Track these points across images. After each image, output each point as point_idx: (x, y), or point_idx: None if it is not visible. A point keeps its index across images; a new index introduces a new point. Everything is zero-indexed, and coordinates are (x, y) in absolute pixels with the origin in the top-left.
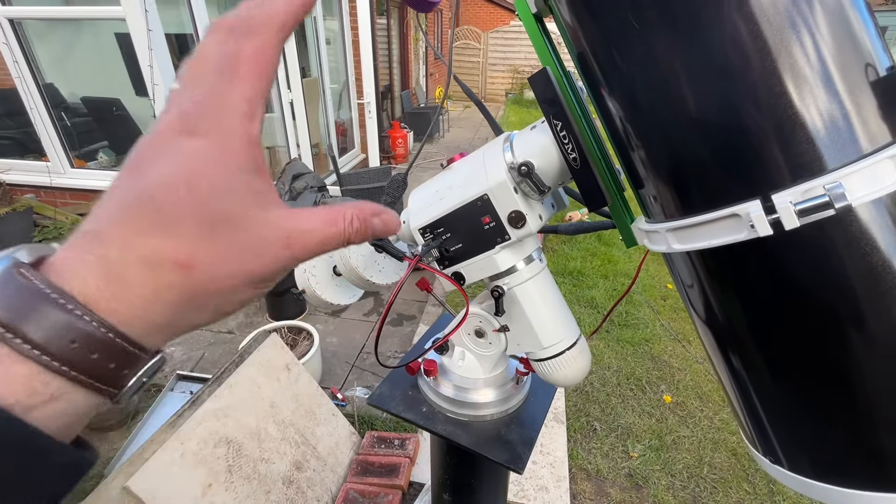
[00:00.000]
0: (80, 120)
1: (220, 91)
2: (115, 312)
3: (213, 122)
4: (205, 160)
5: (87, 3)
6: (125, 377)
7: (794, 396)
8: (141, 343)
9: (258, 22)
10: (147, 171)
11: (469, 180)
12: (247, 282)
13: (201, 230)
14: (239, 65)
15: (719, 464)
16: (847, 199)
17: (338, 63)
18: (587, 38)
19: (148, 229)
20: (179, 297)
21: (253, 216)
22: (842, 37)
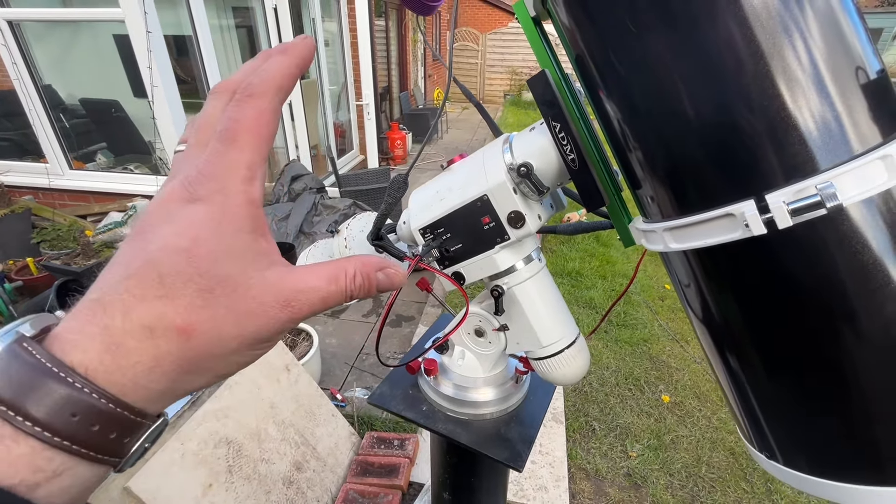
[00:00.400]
0: (79, 121)
1: (222, 157)
2: (116, 383)
3: (214, 187)
4: (206, 225)
5: (85, 4)
6: (127, 445)
7: (789, 393)
8: (142, 410)
9: (256, 88)
10: (151, 237)
11: (469, 181)
12: (245, 345)
13: (201, 295)
14: (239, 131)
15: (717, 463)
16: (838, 199)
17: (336, 65)
18: (584, 41)
19: (150, 296)
20: (179, 363)
21: (252, 279)
22: (833, 40)
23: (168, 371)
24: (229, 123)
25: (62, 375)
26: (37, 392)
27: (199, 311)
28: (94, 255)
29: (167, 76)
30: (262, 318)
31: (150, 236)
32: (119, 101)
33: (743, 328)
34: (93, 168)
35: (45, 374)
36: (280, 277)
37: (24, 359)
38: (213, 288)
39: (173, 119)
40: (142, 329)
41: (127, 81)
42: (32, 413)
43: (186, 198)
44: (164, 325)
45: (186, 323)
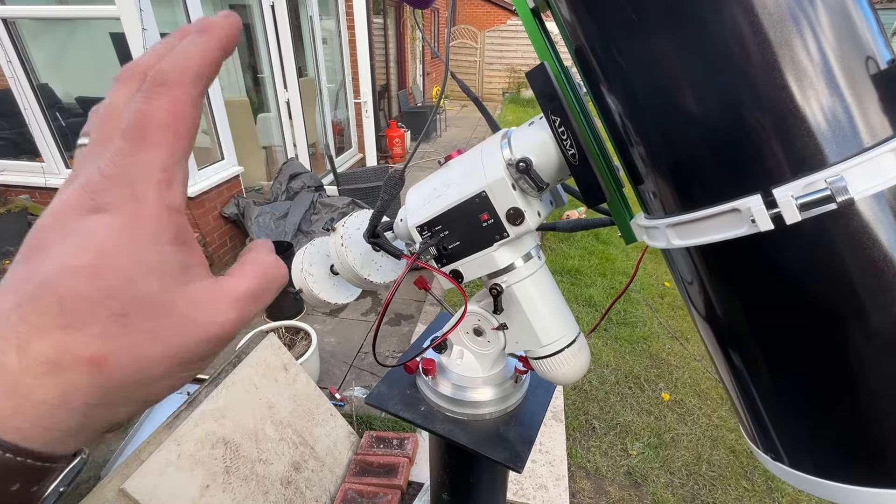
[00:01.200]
0: (75, 120)
1: (131, 158)
2: (15, 428)
3: (122, 193)
4: (114, 239)
5: (81, 2)
6: (36, 493)
7: (796, 393)
8: (50, 454)
9: (170, 76)
10: (47, 256)
11: (467, 177)
12: (175, 367)
13: (112, 320)
14: (149, 127)
15: (718, 461)
16: (849, 193)
17: (334, 62)
18: (585, 33)
19: (50, 325)
20: (91, 397)
21: (173, 295)
22: (842, 29)
23: (78, 407)
24: (137, 117)
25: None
26: None
27: (112, 338)
28: None
29: None
30: (191, 337)
31: (43, 255)
32: None
33: (747, 326)
34: None
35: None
36: (207, 290)
37: None
38: (129, 312)
39: None
40: (42, 365)
41: None
42: None
43: (88, 207)
44: (72, 357)
45: (98, 353)
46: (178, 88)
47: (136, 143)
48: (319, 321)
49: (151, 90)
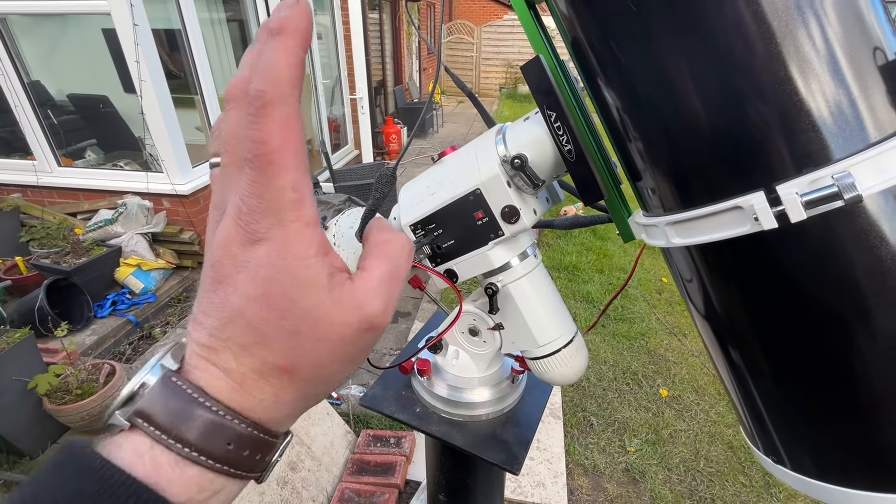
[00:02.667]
0: (67, 118)
1: (266, 188)
2: (251, 414)
3: (269, 222)
4: (274, 267)
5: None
6: (267, 462)
7: (798, 395)
8: (276, 432)
9: (269, 95)
10: (230, 289)
11: (461, 174)
12: (343, 362)
13: (291, 337)
14: (271, 154)
15: (716, 457)
16: (857, 190)
17: (329, 58)
18: (581, 24)
19: (249, 345)
20: (294, 394)
21: (326, 306)
22: (849, 19)
23: (289, 401)
24: (258, 148)
25: (214, 409)
26: (192, 422)
27: (293, 350)
28: (83, 253)
29: (155, 70)
30: (349, 335)
31: (228, 288)
32: (108, 97)
33: (749, 327)
34: (82, 165)
35: (199, 407)
36: (352, 293)
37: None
38: (299, 327)
39: (162, 114)
40: (253, 372)
41: (117, 76)
42: (191, 440)
43: (248, 240)
44: (269, 367)
45: (287, 363)
46: (279, 104)
47: (264, 172)
48: None
49: (258, 113)
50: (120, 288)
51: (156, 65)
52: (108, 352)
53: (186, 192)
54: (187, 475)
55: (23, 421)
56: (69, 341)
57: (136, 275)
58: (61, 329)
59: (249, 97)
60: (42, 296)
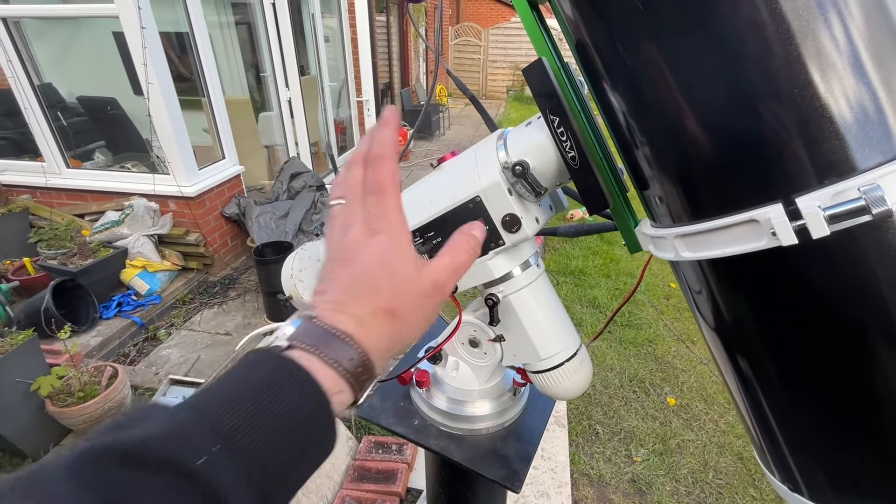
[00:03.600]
0: (77, 119)
1: (383, 203)
2: (365, 346)
3: (385, 223)
4: (388, 246)
5: (83, 0)
6: (366, 386)
7: (818, 420)
8: (374, 365)
9: (382, 154)
10: (357, 261)
11: (460, 181)
12: (423, 313)
13: (394, 290)
14: (385, 185)
15: (725, 468)
16: (886, 204)
17: (337, 61)
18: (586, 26)
19: (368, 295)
20: (392, 333)
21: (416, 274)
22: (874, 17)
23: (388, 336)
24: (377, 184)
25: (343, 338)
26: (331, 346)
27: (396, 300)
28: (90, 254)
29: (163, 73)
30: (427, 295)
31: (357, 262)
32: (117, 99)
33: (763, 344)
34: (90, 167)
35: (334, 337)
36: (429, 270)
37: (321, 328)
38: (401, 287)
39: (169, 116)
40: (370, 314)
41: (126, 79)
42: (331, 356)
43: (370, 233)
44: (381, 309)
45: (392, 306)
46: (389, 160)
47: (382, 195)
48: None
49: (378, 164)
50: (126, 289)
51: (163, 67)
52: (113, 353)
53: (192, 194)
54: (328, 375)
55: (25, 423)
56: (73, 343)
57: (142, 276)
58: (64, 331)
59: (372, 156)
60: (48, 297)
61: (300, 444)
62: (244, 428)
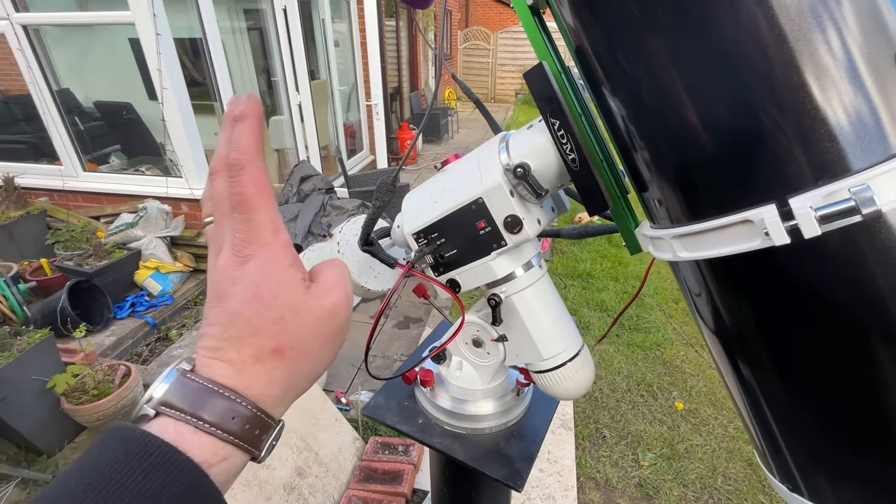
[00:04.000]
0: (93, 124)
1: (249, 224)
2: (250, 396)
3: (255, 246)
4: (261, 274)
5: (100, 8)
6: (263, 440)
7: (814, 417)
8: (270, 413)
9: (242, 161)
10: (230, 298)
11: (463, 183)
12: (322, 341)
13: (277, 324)
14: (250, 200)
15: (734, 474)
16: (876, 204)
17: (347, 65)
18: (585, 31)
19: (247, 336)
20: (284, 374)
21: (302, 298)
22: (867, 20)
23: (280, 380)
24: (240, 198)
25: (222, 392)
26: (208, 406)
27: (280, 333)
28: (105, 255)
29: (176, 78)
30: (323, 318)
31: (229, 298)
32: (132, 104)
33: (761, 346)
34: (106, 170)
35: (211, 394)
36: (319, 288)
37: (194, 385)
38: (283, 314)
39: (182, 121)
40: (251, 358)
41: (142, 84)
42: (208, 419)
43: (240, 262)
44: (263, 351)
45: (276, 345)
46: (251, 168)
47: (248, 213)
48: None
49: (237, 175)
50: (139, 290)
51: (177, 73)
52: (126, 352)
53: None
54: (203, 442)
55: (41, 419)
56: (88, 342)
57: (155, 277)
58: (80, 330)
59: (229, 165)
60: (64, 297)
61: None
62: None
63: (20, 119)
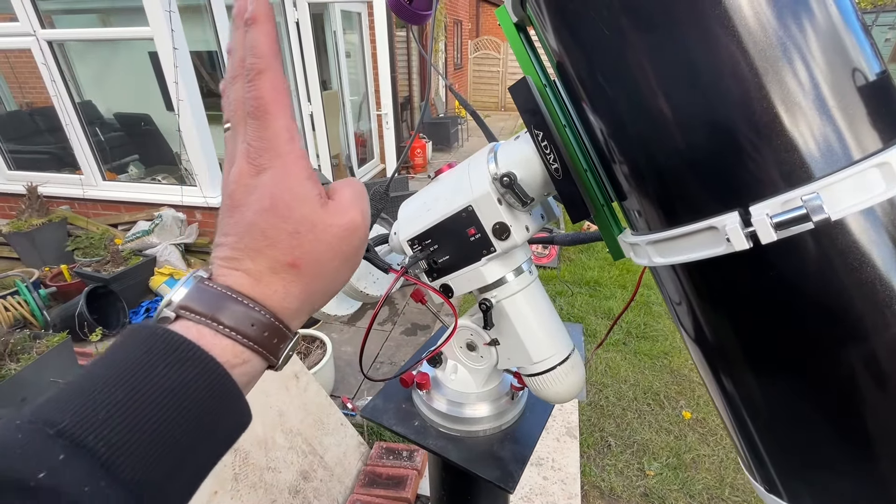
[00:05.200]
0: (113, 135)
1: (265, 130)
2: (269, 306)
3: (270, 155)
4: (276, 185)
5: (121, 24)
6: (281, 349)
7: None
8: (287, 323)
9: (260, 65)
10: (245, 208)
11: (455, 191)
12: (336, 257)
13: (292, 237)
14: (267, 105)
15: (742, 485)
16: (825, 212)
17: (358, 75)
18: (562, 48)
19: (263, 248)
20: (300, 288)
21: (318, 212)
22: (827, 39)
23: (297, 294)
24: (256, 102)
25: (239, 300)
26: (225, 310)
27: (296, 248)
28: (122, 262)
29: (192, 90)
30: (338, 233)
31: (243, 208)
32: (150, 115)
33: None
34: (125, 179)
35: (228, 299)
36: (336, 205)
37: (211, 290)
38: (298, 229)
39: (197, 131)
40: (268, 270)
41: (160, 96)
42: (226, 322)
43: (255, 171)
44: (280, 263)
45: (293, 258)
46: (268, 71)
47: (264, 118)
48: (336, 330)
49: (254, 79)
50: (154, 296)
51: (193, 85)
52: None
53: (217, 205)
54: (223, 344)
55: None
56: (104, 346)
57: (169, 283)
58: (96, 334)
59: (246, 69)
60: (82, 302)
61: (193, 426)
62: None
63: (44, 130)
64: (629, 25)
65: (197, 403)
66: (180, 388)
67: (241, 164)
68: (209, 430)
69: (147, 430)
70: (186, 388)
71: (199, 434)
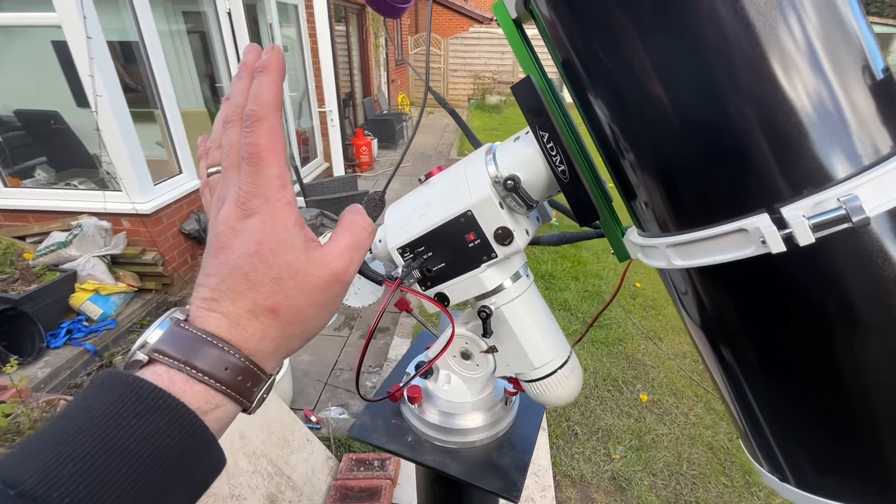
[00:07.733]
0: (14, 134)
1: (258, 176)
2: (244, 348)
3: (260, 201)
4: (263, 230)
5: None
6: (255, 393)
7: (806, 415)
8: (262, 368)
9: (260, 113)
10: (230, 251)
11: (451, 196)
12: (316, 306)
13: (275, 283)
14: (262, 153)
15: (697, 459)
16: (864, 212)
17: (297, 71)
18: (569, 36)
19: (244, 291)
20: (277, 332)
21: (302, 260)
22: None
23: (273, 337)
24: (252, 149)
25: (215, 343)
26: (201, 354)
27: (277, 293)
28: (34, 279)
29: (112, 85)
30: (320, 284)
31: (229, 250)
32: (59, 113)
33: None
34: (31, 185)
35: (204, 343)
36: (320, 254)
37: (186, 334)
38: (281, 275)
39: (120, 130)
40: (246, 313)
41: (69, 91)
42: (200, 367)
43: (243, 215)
44: (259, 307)
45: (273, 304)
46: (268, 120)
47: (257, 165)
48: None
49: (252, 126)
50: (76, 315)
51: (112, 78)
52: (64, 384)
53: (148, 211)
54: (195, 390)
55: None
56: (20, 376)
57: (94, 300)
58: (11, 364)
59: (245, 116)
60: None
61: (166, 476)
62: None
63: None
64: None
65: (168, 452)
66: (151, 437)
67: (229, 207)
68: (182, 478)
69: (117, 482)
70: (157, 438)
71: (172, 483)
